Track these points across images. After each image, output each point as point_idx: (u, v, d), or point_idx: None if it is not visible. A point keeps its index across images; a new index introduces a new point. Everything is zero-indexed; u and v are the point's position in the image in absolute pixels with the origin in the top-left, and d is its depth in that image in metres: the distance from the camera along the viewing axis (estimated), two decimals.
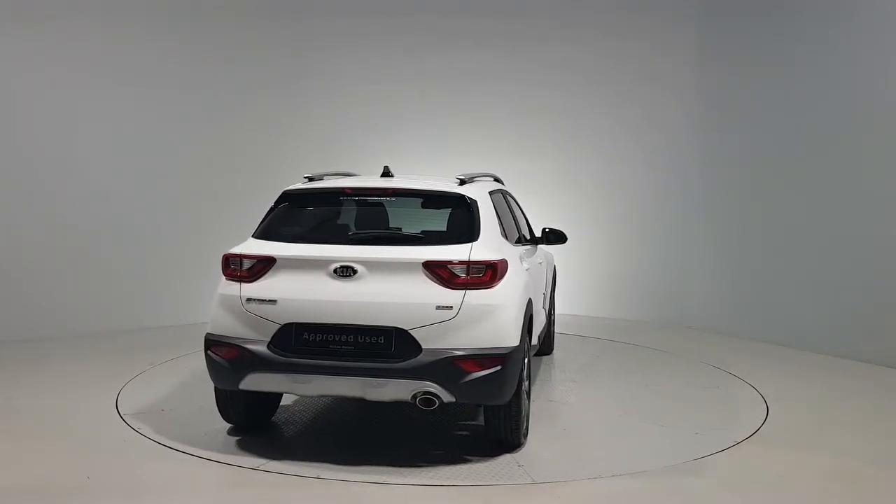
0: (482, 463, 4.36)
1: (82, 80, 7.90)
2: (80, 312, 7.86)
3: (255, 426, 4.90)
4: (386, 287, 4.18)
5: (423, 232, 4.60)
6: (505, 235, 4.92)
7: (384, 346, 4.15)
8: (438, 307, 4.12)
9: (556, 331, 7.55)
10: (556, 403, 5.63)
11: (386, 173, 5.01)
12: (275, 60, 9.00)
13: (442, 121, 9.38)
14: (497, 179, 6.10)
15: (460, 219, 4.53)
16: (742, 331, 8.40)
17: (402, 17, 9.30)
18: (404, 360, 4.09)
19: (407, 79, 9.34)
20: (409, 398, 4.12)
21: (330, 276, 4.22)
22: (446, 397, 4.10)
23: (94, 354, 6.95)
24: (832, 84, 7.54)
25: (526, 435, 4.70)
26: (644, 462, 4.43)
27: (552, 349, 7.29)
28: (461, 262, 4.18)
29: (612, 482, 4.15)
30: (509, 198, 6.01)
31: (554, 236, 6.42)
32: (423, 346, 4.10)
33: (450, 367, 4.07)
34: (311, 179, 4.96)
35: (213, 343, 4.38)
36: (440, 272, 4.17)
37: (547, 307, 6.71)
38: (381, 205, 4.80)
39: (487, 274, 4.21)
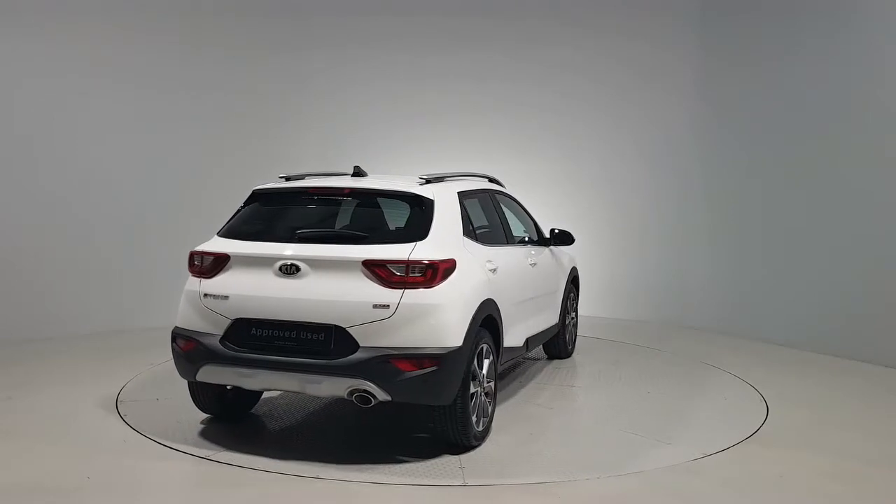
0: (421, 462, 4.34)
1: (83, 80, 7.91)
2: (80, 312, 7.87)
3: (233, 417, 5.04)
4: (326, 285, 4.23)
5: (370, 231, 4.60)
6: (474, 236, 4.93)
7: (324, 343, 4.21)
8: (375, 306, 4.14)
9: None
10: (541, 407, 5.55)
11: (357, 173, 5.06)
12: (275, 61, 9.00)
13: (442, 121, 9.38)
14: (493, 180, 6.09)
15: (412, 218, 4.55)
16: (742, 331, 8.40)
17: (402, 17, 9.30)
18: (341, 358, 4.13)
19: (407, 79, 9.34)
20: (346, 395, 4.19)
21: (276, 273, 4.32)
22: (381, 396, 4.14)
23: (94, 354, 6.95)
24: (832, 84, 7.54)
25: (481, 437, 4.64)
26: (593, 471, 4.27)
27: (569, 353, 7.16)
28: (400, 262, 4.19)
29: (611, 482, 4.15)
30: (501, 198, 5.98)
31: (561, 237, 6.43)
32: (361, 344, 4.14)
33: (385, 366, 4.10)
34: (287, 179, 5.03)
35: (177, 335, 4.58)
36: (379, 271, 4.19)
37: (558, 309, 6.62)
38: (340, 204, 4.81)
39: (427, 273, 4.21)
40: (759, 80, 8.39)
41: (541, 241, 6.42)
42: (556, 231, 6.48)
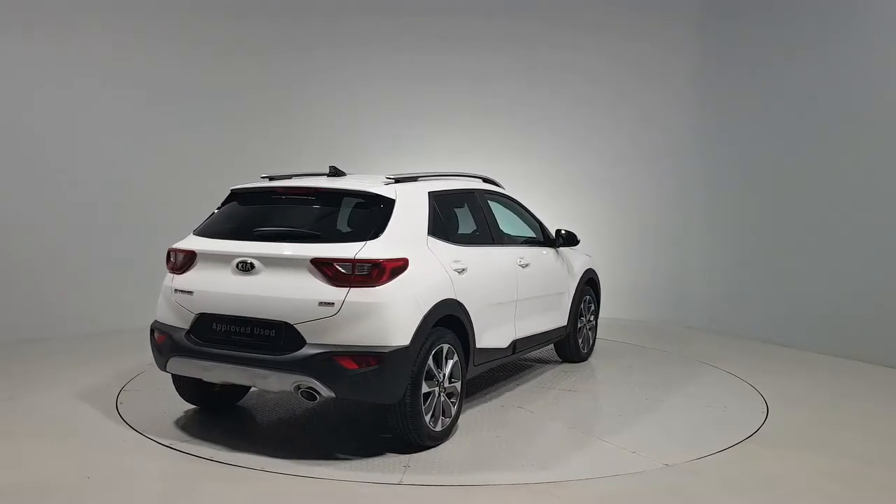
0: (366, 459, 4.37)
1: (85, 83, 7.91)
2: (80, 312, 7.87)
3: (218, 409, 5.23)
4: (277, 282, 4.34)
5: (327, 229, 4.63)
6: (444, 235, 4.92)
7: (275, 338, 4.31)
8: (321, 303, 4.20)
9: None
10: (523, 411, 5.43)
11: (333, 173, 5.15)
12: (275, 61, 9.00)
13: (442, 121, 9.38)
14: (488, 180, 6.06)
15: (369, 217, 4.58)
16: (742, 331, 8.40)
17: (402, 18, 9.31)
18: (288, 354, 4.22)
19: (407, 79, 9.34)
20: (292, 390, 4.29)
21: (233, 270, 4.46)
22: (325, 392, 4.22)
23: (94, 354, 6.95)
24: (832, 84, 7.55)
25: (440, 437, 4.61)
26: (535, 476, 4.17)
27: (583, 357, 6.99)
28: (346, 260, 4.23)
29: (611, 482, 4.15)
30: (494, 198, 5.92)
31: (566, 238, 6.40)
32: (308, 341, 4.21)
33: (328, 363, 4.16)
34: (271, 179, 5.13)
35: (153, 329, 4.81)
36: (326, 269, 4.24)
37: (565, 312, 6.50)
38: (305, 204, 4.84)
39: (374, 273, 4.23)
40: (759, 80, 8.40)
41: (546, 242, 6.36)
42: (563, 232, 6.42)
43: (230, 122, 8.75)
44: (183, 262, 4.69)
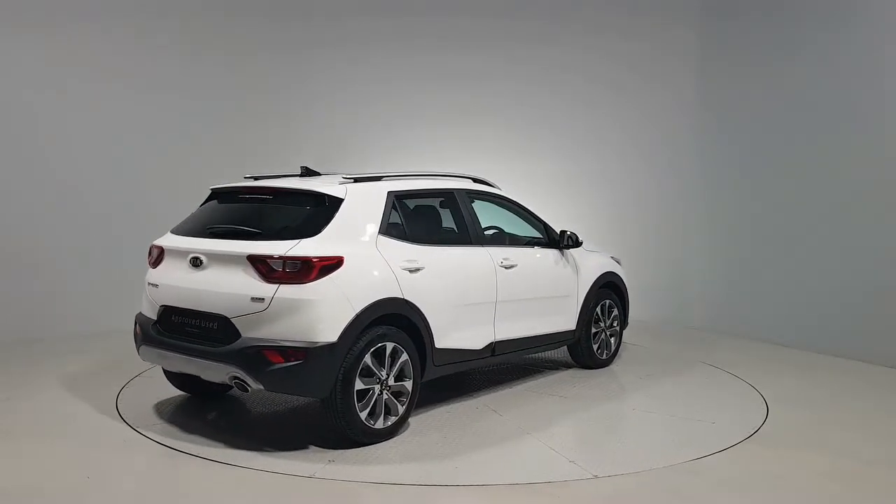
0: (293, 452, 4.45)
1: (83, 82, 7.91)
2: (80, 312, 7.87)
3: (208, 396, 5.49)
4: (219, 277, 4.54)
5: (273, 227, 4.71)
6: (404, 234, 4.95)
7: (217, 331, 4.52)
8: (253, 299, 4.37)
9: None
10: (496, 415, 5.28)
11: (304, 173, 5.34)
12: (275, 61, 8.99)
13: (442, 121, 9.37)
14: (478, 181, 6.01)
15: (312, 215, 4.68)
16: (742, 331, 8.40)
17: (402, 18, 9.30)
18: (223, 346, 4.42)
19: (407, 79, 9.33)
20: (228, 381, 4.50)
21: (188, 266, 4.69)
22: (254, 384, 4.39)
23: (94, 354, 6.95)
24: (832, 84, 7.55)
25: (382, 435, 4.61)
26: (454, 480, 4.10)
27: (600, 363, 6.69)
28: (277, 257, 4.37)
29: (610, 482, 4.14)
30: (480, 198, 5.83)
31: (573, 239, 6.34)
32: (242, 334, 4.40)
33: (256, 356, 4.32)
34: (256, 178, 5.30)
35: (136, 319, 5.08)
36: (259, 266, 4.41)
37: (571, 315, 6.32)
38: (263, 203, 4.96)
39: (303, 270, 4.33)
40: (759, 79, 8.40)
41: (550, 243, 6.26)
42: (569, 233, 6.30)
43: (230, 122, 8.74)
44: (156, 257, 4.96)
